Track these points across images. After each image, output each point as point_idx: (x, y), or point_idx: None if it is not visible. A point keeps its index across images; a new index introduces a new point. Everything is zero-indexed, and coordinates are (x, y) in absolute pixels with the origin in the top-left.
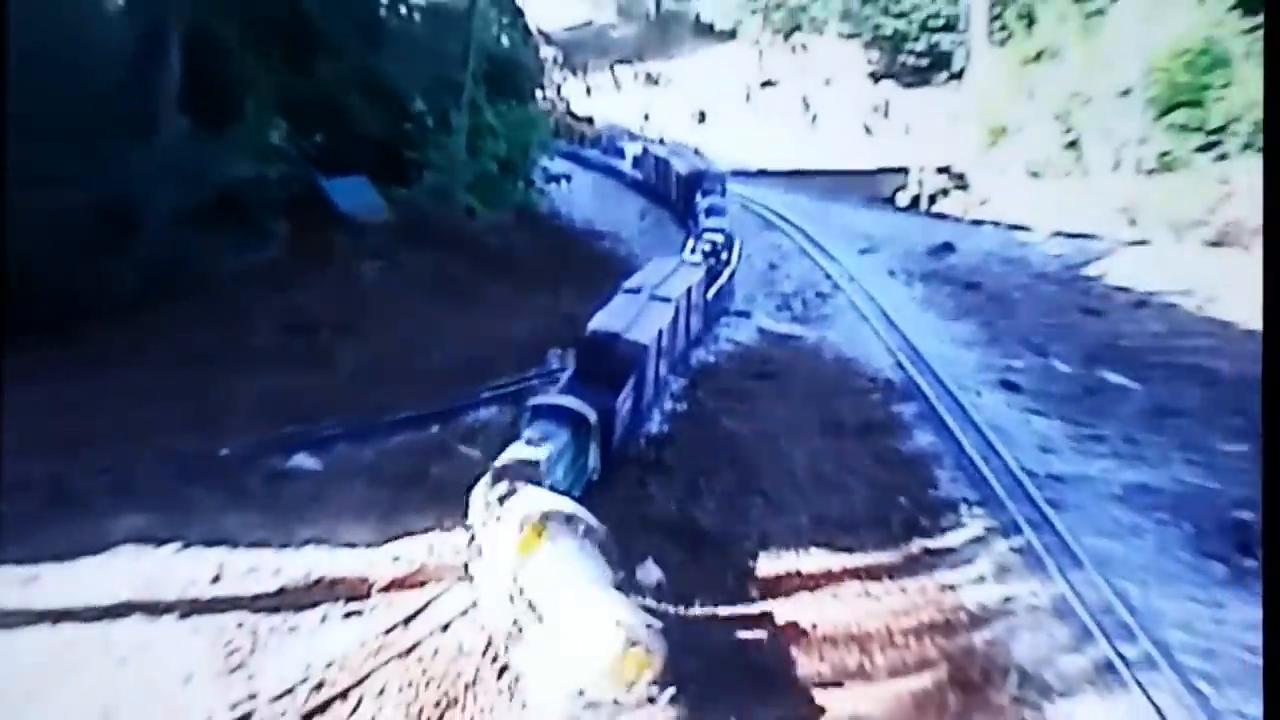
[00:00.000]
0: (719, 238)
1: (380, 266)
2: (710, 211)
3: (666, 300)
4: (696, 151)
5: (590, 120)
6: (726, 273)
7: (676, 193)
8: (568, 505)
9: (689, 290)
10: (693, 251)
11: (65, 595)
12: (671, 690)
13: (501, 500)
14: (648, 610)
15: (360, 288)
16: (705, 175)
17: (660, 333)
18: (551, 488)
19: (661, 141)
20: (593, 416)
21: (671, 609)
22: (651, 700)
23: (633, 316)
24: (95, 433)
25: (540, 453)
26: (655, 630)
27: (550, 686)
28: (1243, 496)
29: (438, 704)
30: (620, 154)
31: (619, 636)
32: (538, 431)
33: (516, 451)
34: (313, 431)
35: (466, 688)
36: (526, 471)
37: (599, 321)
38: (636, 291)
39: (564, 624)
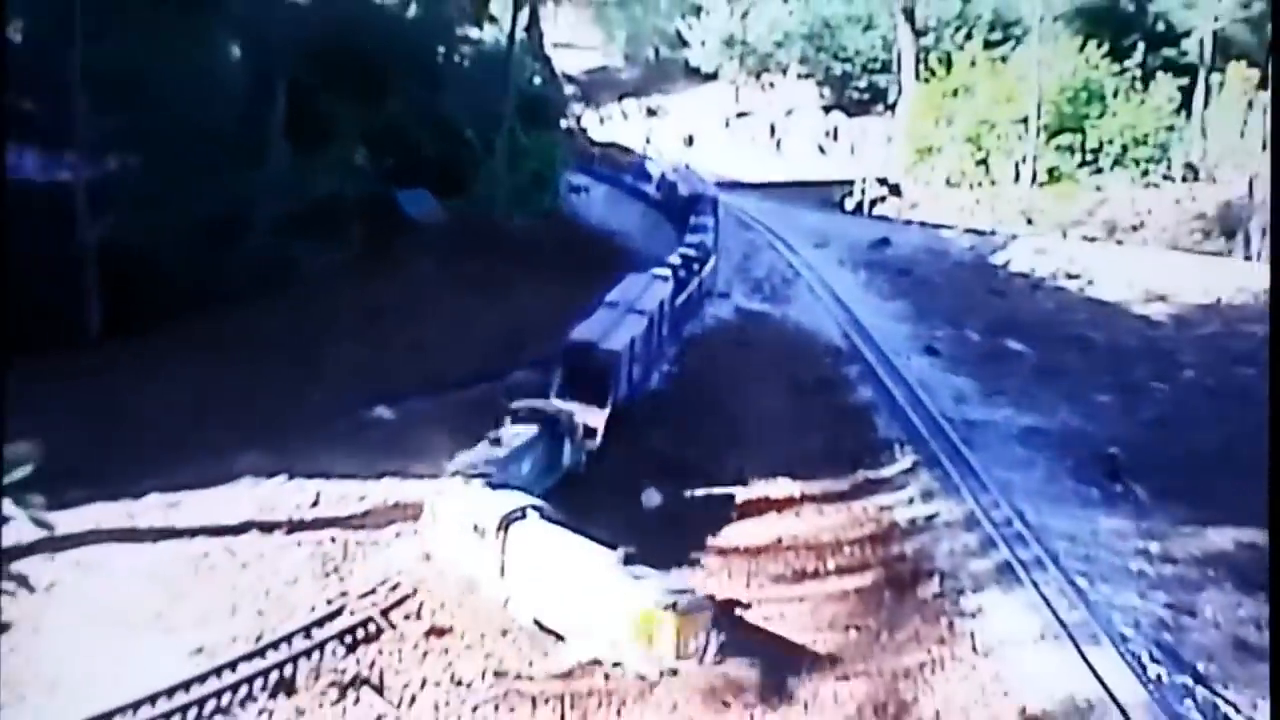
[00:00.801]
0: (692, 252)
1: (437, 260)
2: (693, 229)
3: (641, 313)
4: (701, 179)
5: (627, 150)
6: (696, 281)
7: (679, 209)
8: (516, 500)
9: (661, 303)
10: (665, 266)
11: (199, 516)
12: (720, 636)
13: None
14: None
15: (422, 278)
16: (700, 198)
17: (633, 340)
18: (508, 483)
19: (675, 170)
20: (567, 418)
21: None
22: (718, 649)
23: (609, 327)
24: (220, 391)
25: (499, 451)
26: (688, 592)
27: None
28: (1112, 436)
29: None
30: (648, 178)
31: (670, 617)
32: (507, 432)
33: (480, 451)
34: (388, 389)
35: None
36: (485, 469)
37: (579, 332)
38: (616, 305)
39: (613, 633)
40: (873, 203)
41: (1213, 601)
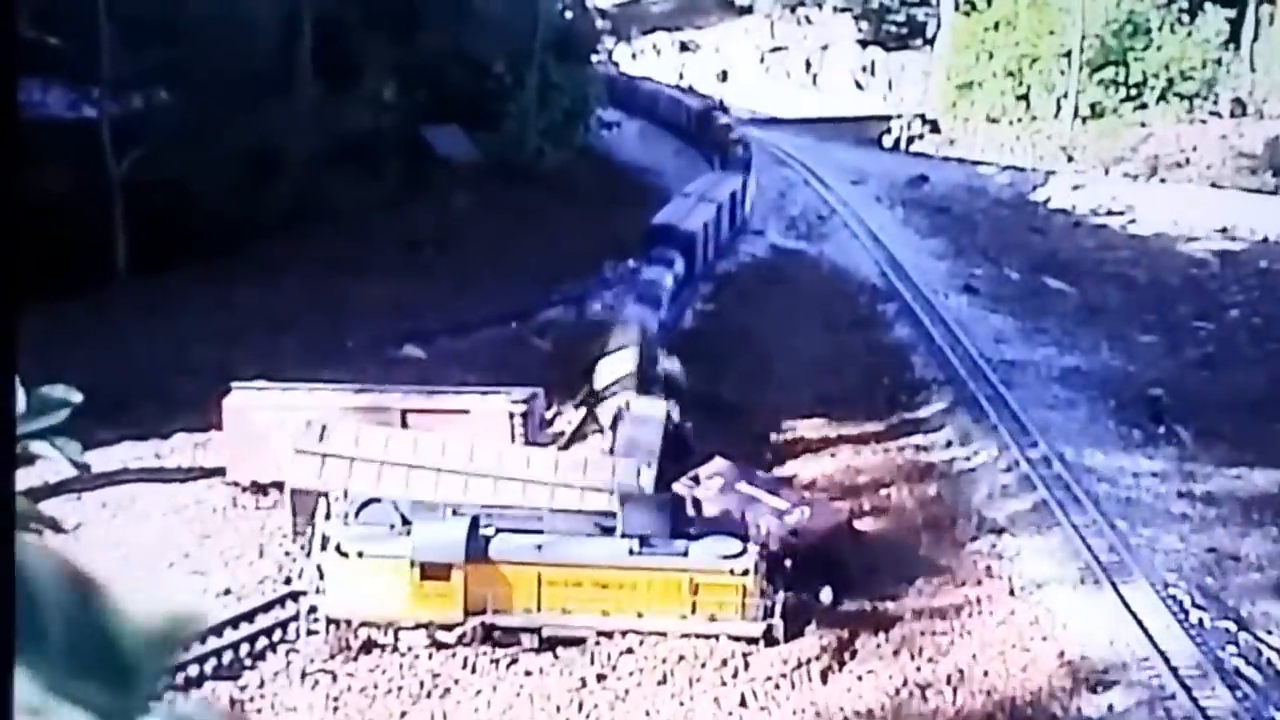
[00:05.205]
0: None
1: (469, 197)
2: (641, 295)
3: None
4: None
5: (725, 109)
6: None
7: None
8: None
9: None
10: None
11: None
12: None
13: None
14: None
15: (454, 213)
16: (661, 231)
17: None
18: None
19: (721, 107)
20: None
21: None
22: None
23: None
24: (249, 330)
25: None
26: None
27: None
28: (1154, 377)
29: None
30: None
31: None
32: None
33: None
34: (419, 326)
35: None
36: None
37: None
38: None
39: None
40: (910, 139)
41: (1257, 545)
